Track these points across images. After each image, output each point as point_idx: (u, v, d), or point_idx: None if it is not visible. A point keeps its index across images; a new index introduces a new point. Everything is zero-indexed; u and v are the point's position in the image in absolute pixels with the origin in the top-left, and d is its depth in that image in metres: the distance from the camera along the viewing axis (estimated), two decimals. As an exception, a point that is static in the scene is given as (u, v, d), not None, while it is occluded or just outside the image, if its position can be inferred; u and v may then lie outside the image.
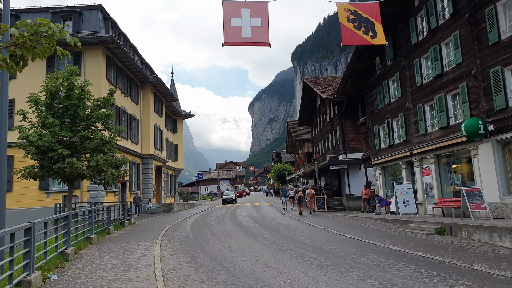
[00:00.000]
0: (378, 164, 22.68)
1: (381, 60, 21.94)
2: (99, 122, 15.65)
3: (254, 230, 15.98)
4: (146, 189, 30.11)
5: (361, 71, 23.71)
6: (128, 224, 18.49)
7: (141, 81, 30.87)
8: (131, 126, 28.51)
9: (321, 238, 13.18)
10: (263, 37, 8.21)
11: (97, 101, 15.90)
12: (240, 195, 62.08)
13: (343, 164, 29.14)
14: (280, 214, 24.24)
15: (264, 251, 10.62)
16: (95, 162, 14.24)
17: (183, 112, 42.70)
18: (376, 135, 22.91)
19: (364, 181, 28.41)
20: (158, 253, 10.28)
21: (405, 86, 19.13)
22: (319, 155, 39.00)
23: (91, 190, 22.41)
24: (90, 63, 23.71)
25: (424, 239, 12.23)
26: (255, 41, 8.21)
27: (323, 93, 31.14)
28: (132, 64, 27.73)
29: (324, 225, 17.32)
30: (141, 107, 31.06)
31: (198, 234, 14.76)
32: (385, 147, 21.85)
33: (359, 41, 9.44)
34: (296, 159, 56.49)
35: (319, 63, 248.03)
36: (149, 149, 30.83)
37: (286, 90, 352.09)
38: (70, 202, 15.37)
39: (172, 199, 39.23)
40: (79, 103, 15.09)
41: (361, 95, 25.57)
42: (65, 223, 9.27)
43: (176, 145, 42.18)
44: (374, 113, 23.24)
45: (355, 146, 30.05)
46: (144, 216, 25.72)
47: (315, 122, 40.34)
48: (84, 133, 14.61)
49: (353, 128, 30.14)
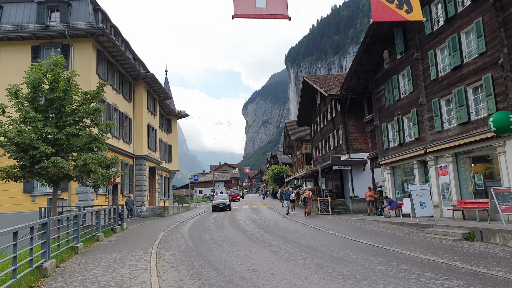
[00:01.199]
0: (387, 164, 21.42)
1: (390, 53, 20.71)
2: (88, 117, 14.13)
3: (258, 236, 14.57)
4: (139, 191, 28.54)
5: (368, 66, 22.47)
6: (120, 229, 16.97)
7: (134, 77, 29.34)
8: (123, 125, 26.97)
9: (335, 245, 11.82)
10: (281, 8, 6.79)
11: (85, 94, 14.40)
12: (233, 199, 51.52)
13: (347, 164, 27.87)
14: (282, 218, 22.85)
15: (277, 262, 9.22)
16: (82, 161, 12.73)
17: (177, 112, 41.17)
18: (384, 133, 21.65)
19: (369, 182, 27.17)
20: (154, 265, 8.82)
21: (418, 80, 17.89)
22: (319, 156, 37.71)
23: (80, 192, 20.83)
24: (79, 56, 22.17)
25: (452, 245, 10.92)
26: (271, 12, 6.77)
27: (324, 91, 29.86)
28: (125, 59, 26.21)
29: (333, 229, 15.97)
30: (133, 105, 29.51)
31: (198, 241, 13.31)
32: (395, 146, 20.59)
33: (391, 16, 8.10)
34: (294, 160, 55.19)
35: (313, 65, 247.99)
36: (142, 149, 29.28)
37: (279, 92, 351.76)
38: (55, 206, 13.83)
39: (166, 202, 37.63)
40: (65, 96, 13.59)
41: (367, 92, 24.34)
42: (44, 231, 7.78)
43: (170, 146, 40.63)
44: (381, 110, 21.99)
45: (358, 146, 28.80)
46: (137, 220, 24.16)
47: (315, 122, 39.08)
48: (70, 129, 13.10)
49: (357, 127, 28.92)
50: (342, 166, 27.86)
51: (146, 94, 30.94)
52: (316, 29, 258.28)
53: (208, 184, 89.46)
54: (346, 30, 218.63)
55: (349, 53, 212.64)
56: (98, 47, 23.33)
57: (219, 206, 31.81)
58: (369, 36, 20.38)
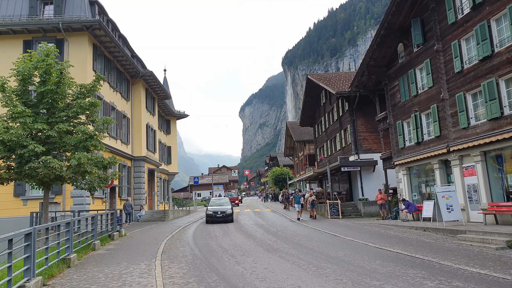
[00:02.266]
0: (402, 165, 20.14)
1: (405, 46, 19.47)
2: (83, 113, 12.77)
3: (271, 243, 13.23)
4: (137, 194, 27.11)
5: (380, 60, 21.23)
6: (118, 236, 15.56)
7: (132, 75, 27.97)
8: (121, 125, 25.58)
9: (361, 254, 10.49)
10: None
11: (80, 87, 13.04)
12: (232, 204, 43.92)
13: (356, 165, 26.58)
14: (290, 222, 21.51)
15: (303, 276, 7.89)
16: (76, 161, 11.35)
17: (176, 112, 39.80)
18: (399, 131, 20.38)
19: (380, 184, 25.88)
20: (160, 282, 7.46)
21: (439, 73, 16.64)
22: (324, 157, 36.42)
23: (75, 196, 19.41)
24: (73, 51, 20.80)
25: (498, 255, 9.61)
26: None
27: (331, 88, 28.60)
28: (123, 56, 24.85)
29: (351, 235, 14.66)
30: (132, 104, 28.13)
31: (205, 250, 11.94)
32: (412, 145, 19.33)
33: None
34: (296, 162, 53.89)
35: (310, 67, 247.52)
36: (141, 150, 27.88)
37: (276, 95, 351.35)
38: (46, 211, 12.43)
39: (165, 205, 36.17)
40: (58, 90, 12.23)
41: (379, 88, 23.12)
42: (28, 243, 6.41)
43: (169, 147, 39.21)
44: (396, 107, 20.73)
45: (368, 146, 27.54)
46: (136, 225, 22.73)
47: (319, 122, 37.81)
48: (63, 126, 11.71)
49: (366, 126, 27.67)
50: (351, 167, 26.57)
51: (144, 93, 29.57)
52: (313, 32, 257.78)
53: (207, 187, 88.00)
54: (343, 33, 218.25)
55: (346, 56, 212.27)
56: (94, 42, 21.98)
57: (216, 216, 21.85)
58: (383, 28, 19.17)
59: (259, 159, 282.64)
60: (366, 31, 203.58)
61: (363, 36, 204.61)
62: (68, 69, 13.49)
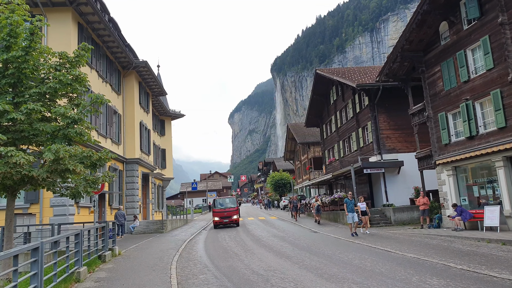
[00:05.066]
0: (447, 164, 17.11)
1: (451, 25, 16.55)
2: (63, 90, 9.35)
3: (320, 266, 9.97)
4: (130, 202, 23.50)
5: (417, 44, 18.31)
6: (110, 256, 12.05)
7: (124, 66, 24.51)
8: (111, 122, 22.05)
9: (457, 280, 7.29)
10: None
11: (59, 56, 9.64)
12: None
13: (379, 167, 23.50)
14: (311, 232, 18.25)
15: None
16: (52, 155, 7.88)
17: (172, 112, 36.31)
18: (442, 125, 17.38)
19: (406, 188, 22.88)
20: None
21: (503, 51, 13.72)
22: (335, 160, 33.34)
23: (56, 205, 15.80)
24: (54, 31, 17.28)
25: None
26: None
27: (350, 81, 25.58)
28: (113, 41, 21.42)
29: (410, 251, 11.49)
30: (123, 98, 24.62)
31: (237, 279, 8.57)
32: (460, 140, 16.33)
33: None
34: (297, 166, 50.71)
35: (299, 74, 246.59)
36: (134, 151, 24.33)
37: (265, 101, 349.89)
38: (10, 227, 8.90)
39: (160, 214, 32.55)
40: (27, 57, 8.81)
41: (412, 77, 20.18)
42: None
43: (164, 150, 35.63)
44: (437, 97, 17.77)
45: (391, 145, 24.52)
46: (130, 239, 19.15)
47: (328, 121, 34.76)
48: (33, 106, 8.28)
49: (388, 123, 24.69)
50: (375, 169, 23.48)
51: (138, 87, 26.11)
52: (301, 39, 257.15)
53: (199, 194, 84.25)
54: (332, 40, 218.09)
55: (335, 62, 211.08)
56: (79, 21, 18.53)
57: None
58: (426, 3, 16.24)
59: (248, 166, 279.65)
60: (354, 38, 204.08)
61: (351, 43, 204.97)
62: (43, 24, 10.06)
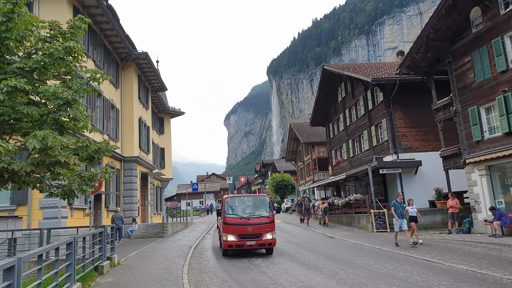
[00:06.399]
0: (479, 163, 15.59)
1: (484, 10, 15.08)
2: (53, 67, 7.65)
3: (358, 279, 8.37)
4: (128, 204, 21.75)
5: (444, 33, 16.84)
6: (109, 266, 10.34)
7: (123, 58, 22.81)
8: (108, 116, 20.32)
9: None
10: None
11: (49, 27, 7.97)
12: None
13: (396, 167, 21.96)
14: (327, 238, 16.65)
15: None
16: (38, 143, 6.17)
17: (171, 109, 34.58)
18: (473, 120, 15.88)
19: (425, 189, 21.38)
20: None
21: (551, 36, 12.24)
22: (342, 160, 31.80)
23: (46, 207, 14.06)
24: (47, 13, 15.56)
25: None
26: None
27: (364, 76, 24.07)
28: (112, 29, 19.74)
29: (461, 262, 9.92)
30: (121, 92, 22.89)
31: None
32: (496, 136, 14.83)
33: None
34: (299, 167, 49.12)
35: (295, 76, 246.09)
36: (132, 149, 22.59)
37: (261, 103, 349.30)
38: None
39: (159, 217, 30.79)
40: (9, 26, 7.14)
41: (436, 70, 18.71)
42: None
43: (163, 149, 33.87)
44: (467, 90, 16.27)
45: (408, 144, 23.00)
46: (129, 244, 17.40)
47: (335, 120, 33.22)
48: (15, 82, 6.59)
49: (405, 120, 23.18)
50: (391, 169, 21.93)
51: (137, 81, 24.39)
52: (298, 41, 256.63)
53: (196, 195, 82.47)
54: (328, 42, 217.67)
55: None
56: (74, 3, 16.84)
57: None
58: (458, -15, 14.77)
59: (244, 168, 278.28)
60: (350, 40, 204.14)
61: (348, 46, 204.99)
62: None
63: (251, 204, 13.10)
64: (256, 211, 12.64)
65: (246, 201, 13.33)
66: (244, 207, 12.94)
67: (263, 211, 12.56)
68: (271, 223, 12.26)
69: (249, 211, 12.65)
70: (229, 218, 12.24)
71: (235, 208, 12.72)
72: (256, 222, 12.12)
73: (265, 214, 12.40)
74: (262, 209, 12.69)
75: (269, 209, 12.61)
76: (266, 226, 12.12)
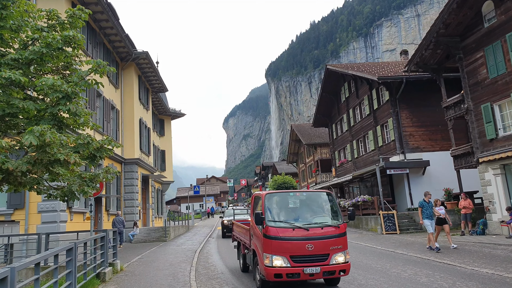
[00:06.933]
0: (493, 161, 15.08)
1: (498, 3, 14.61)
2: (51, 59, 7.09)
3: (382, 286, 7.76)
4: (129, 207, 21.14)
5: (454, 28, 16.37)
6: (111, 273, 9.75)
7: (123, 57, 22.27)
8: (108, 117, 19.75)
9: None
10: None
11: (47, 16, 7.43)
12: None
13: (404, 167, 21.46)
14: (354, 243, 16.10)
15: None
16: (35, 139, 5.60)
17: (172, 110, 34.01)
18: (487, 117, 15.37)
19: (433, 189, 20.80)
20: None
21: None
22: (346, 161, 31.28)
23: (45, 210, 13.45)
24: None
25: None
26: None
27: (369, 75, 23.57)
28: (112, 27, 19.22)
29: (485, 266, 9.37)
30: (121, 93, 22.34)
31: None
32: (511, 134, 14.32)
33: None
34: (301, 169, 48.56)
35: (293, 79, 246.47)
36: (133, 151, 22.01)
37: (260, 106, 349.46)
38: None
39: (160, 220, 30.17)
40: (3, 13, 6.60)
41: (445, 67, 18.23)
42: None
43: (163, 151, 33.27)
44: (479, 87, 15.77)
45: (415, 144, 22.51)
46: (131, 248, 16.80)
47: (339, 120, 32.72)
48: (10, 74, 6.03)
49: (411, 119, 22.71)
50: (399, 170, 21.43)
51: (137, 81, 23.84)
52: (296, 44, 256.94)
53: (196, 199, 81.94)
54: (326, 45, 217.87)
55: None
56: (73, 0, 16.32)
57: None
58: (470, -22, 14.31)
59: (243, 170, 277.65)
60: (348, 43, 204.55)
61: (346, 48, 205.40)
62: None
63: (305, 205, 8.28)
64: (315, 216, 7.97)
65: (297, 201, 8.29)
66: (295, 211, 8.09)
67: (326, 217, 7.92)
68: (342, 237, 7.61)
69: (305, 217, 7.92)
70: (273, 229, 7.38)
71: (280, 212, 7.87)
72: (319, 235, 7.41)
73: (332, 222, 7.73)
74: (324, 213, 8.04)
75: (335, 212, 7.93)
76: (336, 242, 7.48)
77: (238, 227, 10.65)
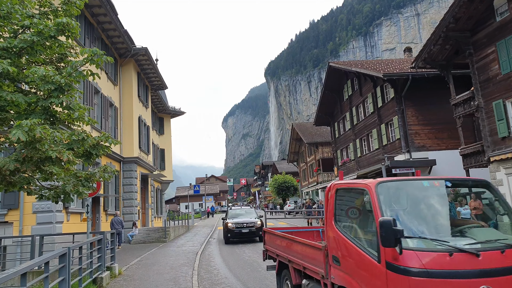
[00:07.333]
0: (505, 160, 14.55)
1: (511, -4, 14.07)
2: (41, 46, 6.53)
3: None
4: (128, 207, 20.59)
5: (464, 22, 15.78)
6: (109, 277, 9.21)
7: (122, 53, 21.72)
8: (106, 115, 19.20)
9: None
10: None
11: (38, 3, 6.89)
12: None
13: (409, 166, 20.92)
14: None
15: None
16: (24, 135, 5.04)
17: (171, 109, 33.47)
18: (499, 115, 14.84)
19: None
20: None
21: None
22: (349, 160, 30.77)
23: (40, 211, 12.89)
24: (40, 2, 14.44)
25: None
26: None
27: (374, 72, 23.04)
28: (110, 22, 18.66)
29: None
30: (120, 89, 21.78)
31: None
32: (525, 132, 13.81)
33: None
34: (302, 168, 48.05)
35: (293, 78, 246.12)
36: (132, 149, 21.46)
37: (259, 105, 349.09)
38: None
39: (159, 220, 29.63)
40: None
41: (455, 63, 17.69)
42: None
43: (163, 150, 32.73)
44: (490, 83, 15.25)
45: (420, 142, 21.99)
46: (130, 249, 16.25)
47: (341, 119, 32.19)
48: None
49: (417, 117, 22.17)
50: (404, 169, 20.87)
51: (136, 78, 23.29)
52: (295, 43, 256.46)
53: (195, 198, 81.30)
54: (325, 44, 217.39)
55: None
56: (70, -7, 15.72)
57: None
58: (482, -30, 13.77)
59: (242, 170, 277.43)
60: (348, 42, 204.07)
61: (345, 47, 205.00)
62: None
63: (453, 206, 5.43)
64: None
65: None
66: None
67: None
68: None
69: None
70: (414, 254, 3.52)
71: (417, 220, 4.03)
72: (501, 267, 3.54)
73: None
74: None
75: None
76: None
77: (286, 241, 6.07)
